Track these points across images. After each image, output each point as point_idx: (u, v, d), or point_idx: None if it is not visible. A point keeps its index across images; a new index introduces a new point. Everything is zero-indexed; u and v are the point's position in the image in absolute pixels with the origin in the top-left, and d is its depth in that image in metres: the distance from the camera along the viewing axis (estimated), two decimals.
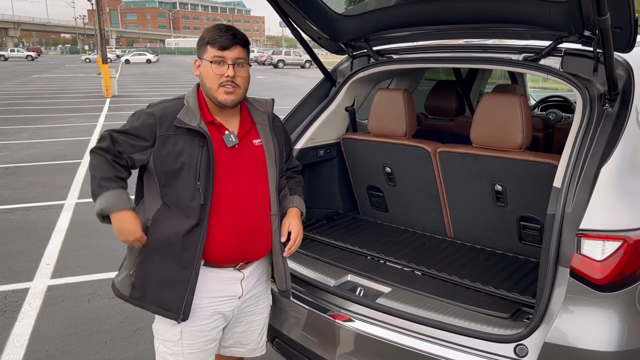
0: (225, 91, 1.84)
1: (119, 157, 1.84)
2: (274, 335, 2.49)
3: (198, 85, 1.95)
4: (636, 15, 1.77)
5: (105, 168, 1.82)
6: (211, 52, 1.83)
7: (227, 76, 1.82)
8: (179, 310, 1.87)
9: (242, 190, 1.92)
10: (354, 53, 3.01)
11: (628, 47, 1.92)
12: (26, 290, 4.19)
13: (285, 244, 2.06)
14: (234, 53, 1.83)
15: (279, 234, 2.05)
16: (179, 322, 1.89)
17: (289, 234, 2.06)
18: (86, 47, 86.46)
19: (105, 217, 1.85)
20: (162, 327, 1.97)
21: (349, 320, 2.18)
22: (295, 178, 2.28)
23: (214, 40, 1.82)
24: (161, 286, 1.88)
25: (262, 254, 2.06)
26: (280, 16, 2.68)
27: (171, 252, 1.86)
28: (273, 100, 2.09)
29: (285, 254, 2.05)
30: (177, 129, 1.83)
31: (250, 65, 1.95)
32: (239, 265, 1.99)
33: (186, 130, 1.83)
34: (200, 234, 1.85)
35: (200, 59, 1.89)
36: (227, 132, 1.91)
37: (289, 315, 2.40)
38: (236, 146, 1.92)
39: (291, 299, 2.29)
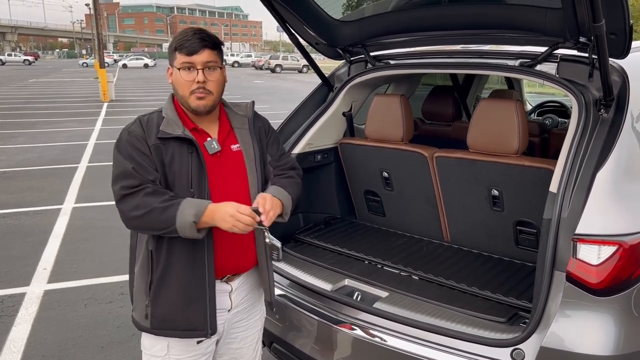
0: (197, 97, 1.78)
1: (154, 184, 1.74)
2: (271, 340, 2.50)
3: (173, 96, 1.88)
4: (631, 21, 1.79)
5: (154, 196, 1.70)
6: (180, 58, 1.76)
7: (198, 82, 1.76)
8: (205, 326, 1.84)
9: (226, 198, 1.82)
10: (352, 58, 3.03)
11: (623, 53, 1.94)
12: (23, 295, 4.18)
13: (271, 254, 1.93)
14: (202, 57, 1.76)
15: (263, 244, 1.95)
16: (208, 337, 1.87)
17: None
18: (83, 52, 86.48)
19: (198, 229, 1.70)
20: (149, 342, 1.91)
21: (346, 324, 2.18)
22: (284, 174, 2.05)
23: (182, 45, 1.75)
24: (181, 308, 1.82)
25: (248, 265, 2.01)
26: (278, 21, 2.69)
27: (181, 272, 1.81)
28: (253, 102, 2.03)
29: (265, 223, 1.77)
30: (163, 140, 1.76)
31: (224, 67, 1.87)
32: (226, 278, 1.93)
33: (172, 139, 1.77)
34: (204, 244, 1.79)
35: (171, 66, 1.82)
36: (208, 138, 1.85)
37: (286, 320, 2.40)
38: (218, 153, 1.86)
39: (279, 295, 2.27)
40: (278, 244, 1.84)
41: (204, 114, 1.83)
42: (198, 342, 1.88)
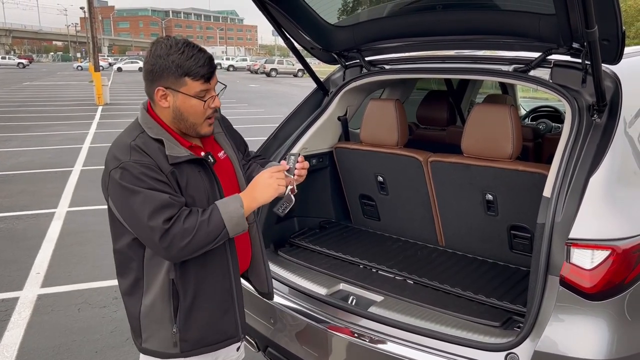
0: (210, 123, 1.73)
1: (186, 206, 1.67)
2: (266, 344, 2.49)
3: (149, 114, 1.72)
4: (623, 28, 1.80)
5: (191, 216, 1.62)
6: (194, 86, 1.63)
7: (214, 107, 1.69)
8: (237, 331, 1.86)
9: None
10: (347, 63, 3.04)
11: (615, 59, 1.96)
12: (16, 299, 4.16)
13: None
14: (215, 79, 1.68)
15: (258, 240, 2.02)
16: (241, 341, 1.89)
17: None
18: (78, 55, 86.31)
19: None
20: None
21: (341, 329, 2.18)
22: (265, 159, 2.19)
23: (196, 71, 1.61)
24: (216, 323, 1.81)
25: (247, 265, 2.03)
26: (274, 26, 2.70)
27: (214, 289, 1.79)
28: None
29: (296, 179, 1.86)
30: (175, 165, 1.66)
31: None
32: None
33: (183, 163, 1.68)
34: (227, 256, 1.79)
35: (168, 88, 1.64)
36: (202, 153, 1.79)
37: (281, 324, 2.40)
38: (214, 164, 1.83)
39: (274, 300, 2.27)
40: (293, 199, 1.88)
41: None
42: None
